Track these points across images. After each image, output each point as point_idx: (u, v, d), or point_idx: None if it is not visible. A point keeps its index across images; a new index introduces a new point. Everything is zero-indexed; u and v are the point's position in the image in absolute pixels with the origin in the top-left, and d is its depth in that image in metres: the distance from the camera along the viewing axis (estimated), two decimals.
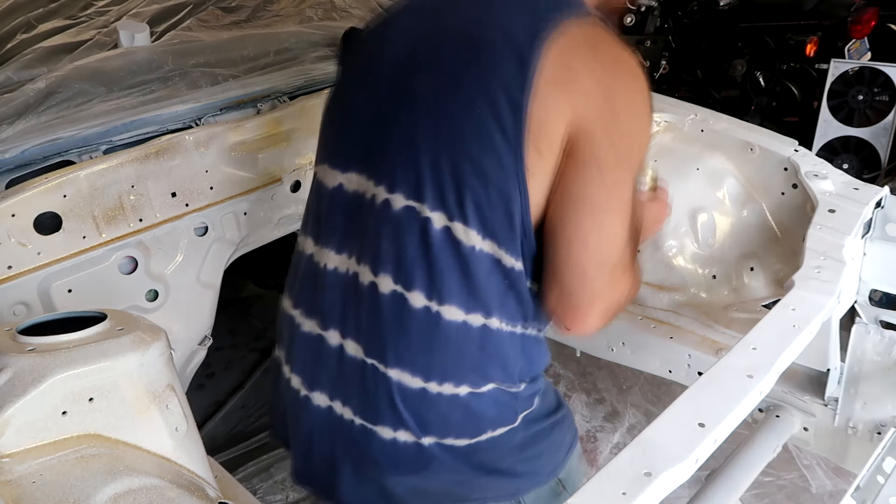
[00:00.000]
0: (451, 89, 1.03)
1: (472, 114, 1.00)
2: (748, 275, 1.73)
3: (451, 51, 1.05)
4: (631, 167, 1.02)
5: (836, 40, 3.73)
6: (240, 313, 3.34)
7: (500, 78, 0.98)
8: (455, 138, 1.02)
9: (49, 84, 1.66)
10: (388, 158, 1.07)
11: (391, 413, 1.07)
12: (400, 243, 1.05)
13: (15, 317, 1.41)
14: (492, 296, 1.04)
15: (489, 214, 1.01)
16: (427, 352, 1.05)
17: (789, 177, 1.68)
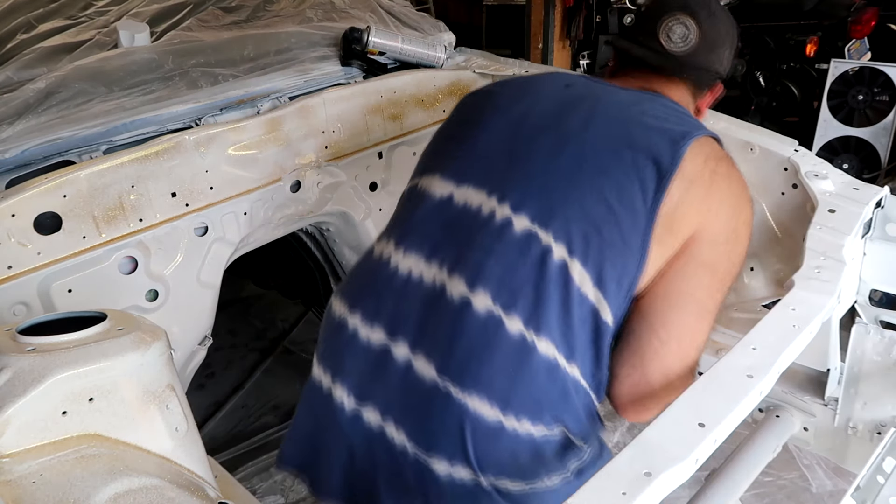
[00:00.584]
0: (604, 141, 1.09)
1: (620, 169, 1.05)
2: (748, 275, 1.73)
3: (603, 122, 1.12)
4: (733, 282, 1.11)
5: (836, 40, 3.73)
6: (240, 313, 3.34)
7: (652, 152, 1.06)
8: (600, 184, 1.05)
9: (49, 84, 1.66)
10: (520, 180, 1.07)
11: (454, 444, 1.00)
12: (510, 264, 1.02)
13: (15, 317, 1.41)
14: (580, 343, 1.02)
15: (607, 265, 1.02)
16: (512, 381, 1.00)
17: (789, 177, 1.67)
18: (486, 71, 2.21)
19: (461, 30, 2.58)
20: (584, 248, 1.02)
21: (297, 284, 2.84)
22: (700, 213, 1.06)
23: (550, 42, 4.68)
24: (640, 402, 1.08)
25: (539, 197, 1.05)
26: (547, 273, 1.01)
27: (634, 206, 1.03)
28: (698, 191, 1.06)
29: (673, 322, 1.05)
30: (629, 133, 1.09)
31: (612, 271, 1.02)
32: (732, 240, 1.09)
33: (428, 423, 1.03)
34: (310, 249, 2.21)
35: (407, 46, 2.13)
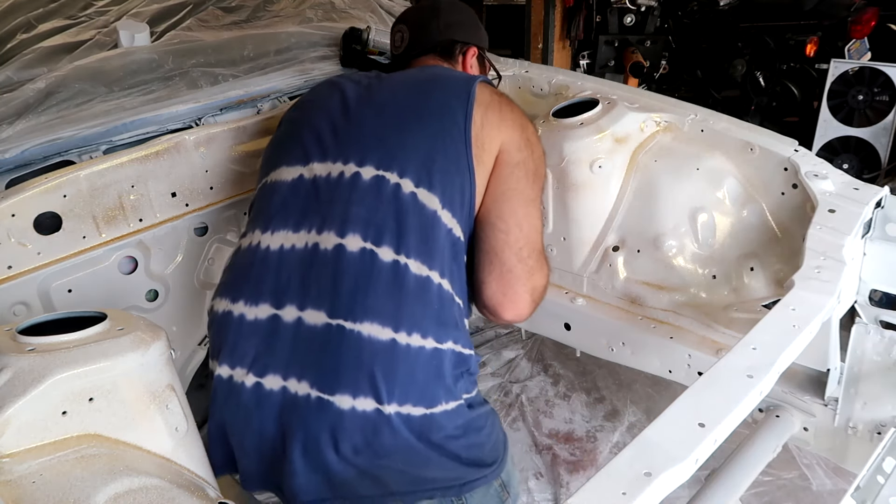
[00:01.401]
0: (415, 96, 1.33)
1: (435, 111, 1.29)
2: (748, 275, 1.73)
3: (408, 86, 1.38)
4: (542, 177, 1.36)
5: (836, 40, 3.73)
6: None
7: (454, 92, 1.31)
8: (423, 125, 1.27)
9: (49, 84, 1.66)
10: (356, 142, 1.26)
11: (356, 376, 1.08)
12: (370, 205, 1.18)
13: (15, 317, 1.41)
14: (445, 259, 1.19)
15: (448, 188, 1.22)
16: (396, 302, 1.12)
17: (789, 177, 1.67)
18: None
19: None
20: (427, 178, 1.21)
21: None
22: (500, 130, 1.30)
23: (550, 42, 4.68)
24: (509, 293, 1.26)
25: (377, 148, 1.24)
26: (402, 204, 1.18)
27: (453, 136, 1.25)
28: (493, 114, 1.30)
29: (507, 213, 1.26)
30: (431, 86, 1.35)
31: (452, 191, 1.22)
32: (530, 145, 1.33)
33: (328, 362, 1.10)
34: None
35: None
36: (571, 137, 1.79)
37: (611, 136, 1.80)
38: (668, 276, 1.79)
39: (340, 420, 1.08)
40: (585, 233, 1.87)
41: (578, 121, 1.81)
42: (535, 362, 2.90)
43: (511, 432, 2.57)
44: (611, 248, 1.86)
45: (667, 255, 1.79)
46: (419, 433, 1.10)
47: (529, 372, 2.85)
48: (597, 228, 1.87)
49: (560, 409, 2.65)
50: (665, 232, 1.79)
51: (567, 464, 2.39)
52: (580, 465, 2.39)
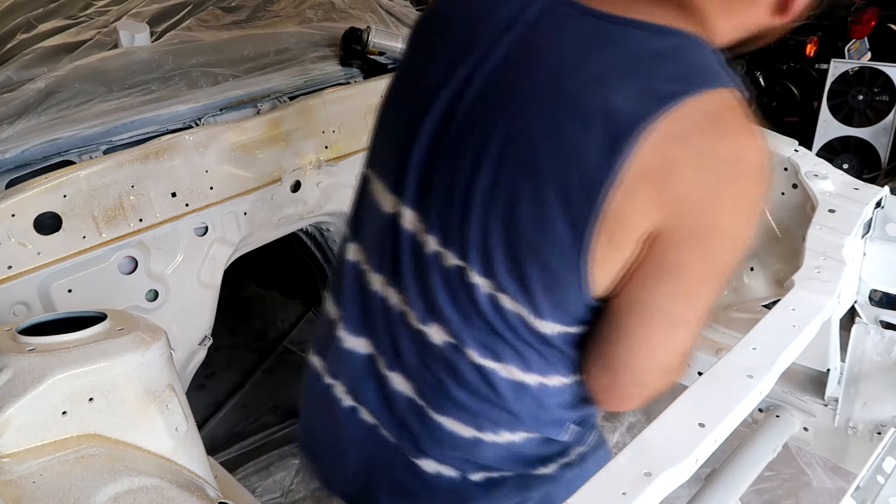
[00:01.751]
0: (523, 153, 0.83)
1: (537, 193, 0.81)
2: (748, 275, 1.72)
3: (535, 104, 0.82)
4: (720, 281, 0.87)
5: (836, 40, 3.73)
6: (240, 313, 3.34)
7: (583, 158, 0.78)
8: (512, 214, 0.84)
9: (49, 84, 1.66)
10: (437, 206, 0.91)
11: (438, 452, 1.01)
12: (451, 301, 0.93)
13: (15, 317, 1.41)
14: (533, 356, 0.94)
15: (544, 299, 0.87)
16: (482, 406, 0.97)
17: (789, 177, 1.67)
18: None
19: None
20: (512, 282, 0.88)
21: (297, 284, 2.84)
22: (650, 214, 0.78)
23: None
24: (618, 402, 1.00)
25: (457, 225, 0.89)
26: (482, 308, 0.90)
27: (556, 237, 0.82)
28: (649, 186, 0.77)
29: (638, 335, 0.88)
30: (560, 127, 0.80)
31: (550, 302, 0.87)
32: (708, 237, 0.81)
33: (410, 433, 1.02)
34: (310, 249, 2.21)
35: None
36: None
37: None
38: None
39: (424, 481, 1.03)
40: None
41: None
42: None
43: None
44: None
45: None
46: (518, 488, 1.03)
47: None
48: None
49: None
50: None
51: None
52: None
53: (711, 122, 0.78)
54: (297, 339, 3.23)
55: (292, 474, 2.44)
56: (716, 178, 0.78)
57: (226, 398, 2.81)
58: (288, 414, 2.77)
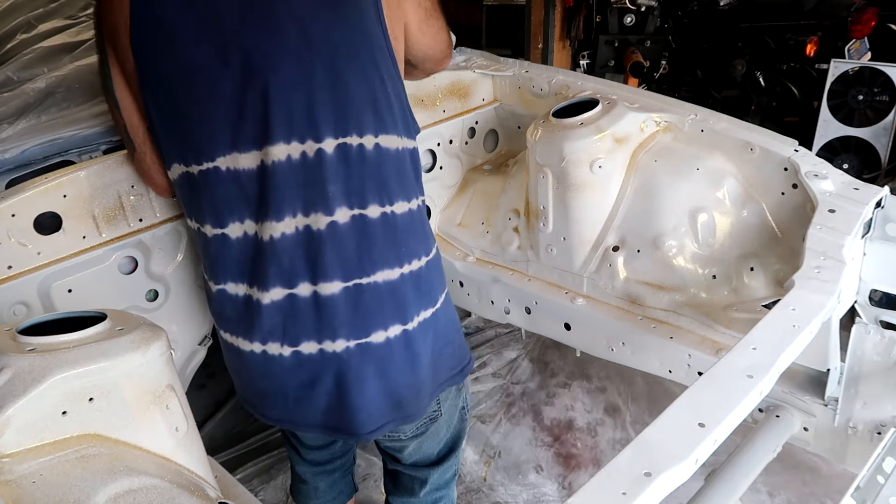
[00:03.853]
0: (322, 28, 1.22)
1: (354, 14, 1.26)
2: (748, 275, 1.73)
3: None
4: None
5: (836, 40, 3.73)
6: None
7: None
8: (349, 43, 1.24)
9: (49, 84, 1.66)
10: (302, 109, 1.21)
11: (381, 312, 1.26)
12: (344, 177, 1.22)
13: (15, 317, 1.41)
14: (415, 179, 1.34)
15: (395, 104, 1.30)
16: (394, 244, 1.27)
17: (789, 177, 1.67)
18: (486, 71, 2.21)
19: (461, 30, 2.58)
20: (380, 122, 1.27)
21: None
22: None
23: (550, 42, 4.67)
24: (445, 44, 1.57)
25: (326, 105, 1.23)
26: (370, 162, 1.25)
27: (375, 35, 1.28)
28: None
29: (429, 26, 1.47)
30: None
31: (398, 102, 1.32)
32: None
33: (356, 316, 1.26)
34: None
35: None
36: (571, 137, 1.79)
37: (611, 136, 1.80)
38: (668, 276, 1.79)
39: (380, 352, 1.26)
40: (585, 233, 1.87)
41: (578, 121, 1.81)
42: (536, 362, 2.90)
43: (512, 427, 2.58)
44: (611, 248, 1.86)
45: (667, 255, 1.79)
46: (434, 334, 1.35)
47: (531, 372, 2.85)
48: (597, 228, 1.87)
49: (560, 402, 2.66)
50: (665, 232, 1.79)
51: (568, 458, 2.40)
52: (581, 460, 2.39)
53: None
54: None
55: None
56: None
57: (226, 398, 2.81)
58: None
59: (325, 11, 1.22)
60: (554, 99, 2.08)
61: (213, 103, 1.20)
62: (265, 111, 1.19)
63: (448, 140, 2.18)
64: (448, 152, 2.19)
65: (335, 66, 1.22)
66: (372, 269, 1.25)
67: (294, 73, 1.20)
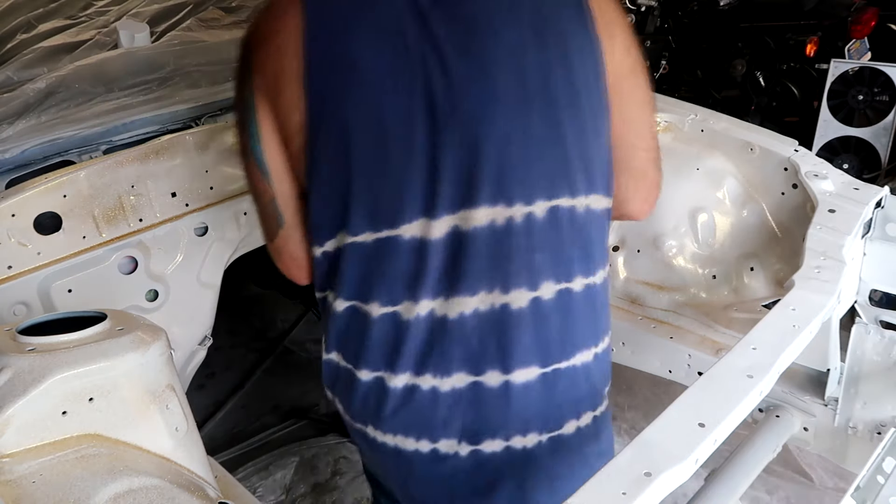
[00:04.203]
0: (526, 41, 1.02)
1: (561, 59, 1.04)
2: (748, 275, 1.73)
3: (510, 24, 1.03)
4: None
5: (836, 40, 3.73)
6: (240, 313, 3.34)
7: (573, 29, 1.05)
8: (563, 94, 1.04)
9: (49, 84, 1.66)
10: (512, 171, 1.03)
11: (576, 399, 1.12)
12: (553, 245, 1.05)
13: (15, 317, 1.41)
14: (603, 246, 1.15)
15: (603, 165, 1.11)
16: (594, 322, 1.12)
17: (789, 177, 1.67)
18: None
19: None
20: (590, 178, 1.08)
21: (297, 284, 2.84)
22: (613, 39, 1.08)
23: None
24: (649, 191, 1.23)
25: (537, 166, 1.05)
26: (581, 226, 1.09)
27: (590, 84, 1.07)
28: (606, 18, 1.08)
29: (642, 127, 1.19)
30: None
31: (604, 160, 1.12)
32: (630, 35, 1.13)
33: (552, 403, 1.12)
34: None
35: None
36: None
37: None
38: (668, 276, 1.79)
39: (571, 442, 1.12)
40: None
41: None
42: None
43: None
44: (611, 248, 1.86)
45: (667, 255, 1.79)
46: (604, 424, 1.22)
47: None
48: None
49: None
50: (665, 232, 1.79)
51: None
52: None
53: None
54: (297, 339, 3.23)
55: (291, 472, 2.45)
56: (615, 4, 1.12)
57: (226, 398, 2.81)
58: (288, 414, 2.77)
59: (544, 52, 1.02)
60: None
61: (403, 159, 1.01)
62: (470, 169, 1.00)
63: None
64: None
65: (553, 117, 1.03)
66: (573, 351, 1.09)
67: (507, 125, 1.01)
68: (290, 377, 2.99)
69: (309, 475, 2.44)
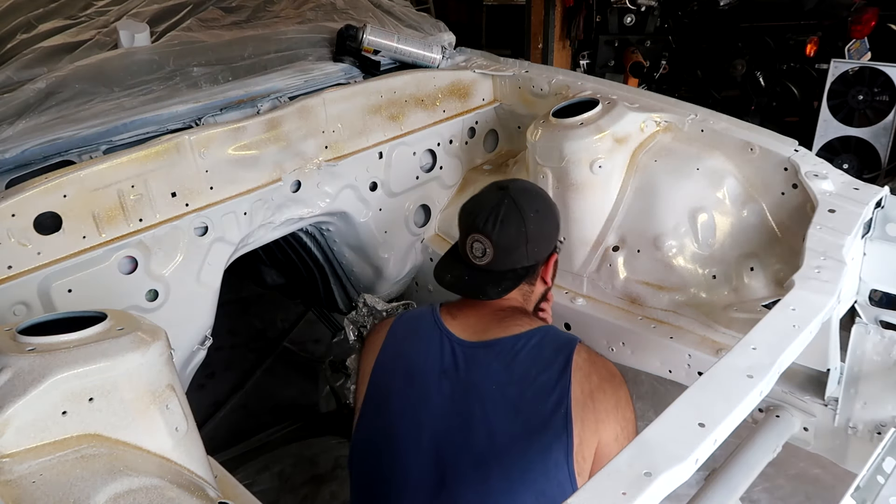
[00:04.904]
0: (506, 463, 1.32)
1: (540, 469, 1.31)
2: (748, 275, 1.73)
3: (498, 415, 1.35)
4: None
5: (836, 40, 3.73)
6: (240, 313, 3.34)
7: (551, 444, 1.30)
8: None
9: (49, 84, 1.66)
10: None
11: None
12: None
13: (15, 317, 1.41)
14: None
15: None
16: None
17: (789, 177, 1.67)
18: (486, 71, 2.21)
19: (461, 30, 2.58)
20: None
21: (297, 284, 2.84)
22: (597, 432, 1.33)
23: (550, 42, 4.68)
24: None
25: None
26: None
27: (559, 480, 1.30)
28: (589, 418, 1.33)
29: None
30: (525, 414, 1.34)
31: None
32: (627, 427, 1.36)
33: None
34: (310, 249, 2.21)
35: (402, 46, 2.13)
36: (571, 137, 1.79)
37: (611, 136, 1.80)
38: (668, 276, 1.79)
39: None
40: (585, 232, 1.87)
41: (578, 121, 1.81)
42: None
43: None
44: (611, 248, 1.86)
45: (667, 255, 1.79)
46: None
47: None
48: (597, 228, 1.87)
49: None
50: (665, 232, 1.79)
51: None
52: None
53: (591, 362, 1.40)
54: (296, 339, 3.23)
55: (290, 464, 2.45)
56: (614, 396, 1.38)
57: (226, 398, 2.81)
58: (288, 414, 2.77)
59: (514, 432, 1.32)
60: (554, 99, 2.08)
61: (401, 475, 1.38)
62: (435, 497, 1.33)
63: (448, 140, 2.17)
64: (448, 152, 2.19)
65: (508, 480, 1.30)
66: None
67: (471, 472, 1.32)
68: (290, 377, 2.99)
69: (308, 468, 2.44)
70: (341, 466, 2.42)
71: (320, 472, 2.45)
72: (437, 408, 1.39)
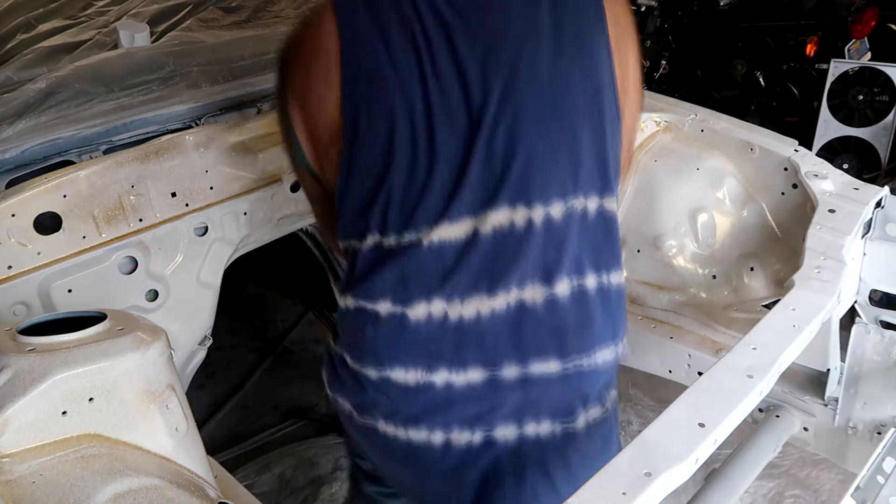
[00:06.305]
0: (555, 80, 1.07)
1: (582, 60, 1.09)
2: (748, 275, 1.73)
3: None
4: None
5: (836, 40, 3.73)
6: (240, 313, 3.34)
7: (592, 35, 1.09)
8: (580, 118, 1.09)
9: (49, 84, 1.66)
10: (532, 176, 1.07)
11: (593, 391, 1.15)
12: (567, 245, 1.09)
13: (15, 317, 1.41)
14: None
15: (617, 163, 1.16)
16: (612, 321, 1.15)
17: (789, 177, 1.68)
18: None
19: None
20: (606, 179, 1.13)
21: (297, 284, 2.84)
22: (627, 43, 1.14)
23: None
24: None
25: (551, 169, 1.09)
26: (592, 228, 1.13)
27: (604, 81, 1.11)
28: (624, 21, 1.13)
29: (637, 98, 1.22)
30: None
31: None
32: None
33: (563, 396, 1.14)
34: (310, 249, 2.21)
35: None
36: None
37: None
38: (668, 276, 1.79)
39: (578, 439, 1.14)
40: None
41: None
42: None
43: None
44: None
45: (667, 255, 1.79)
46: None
47: None
48: None
49: None
50: (665, 232, 1.79)
51: None
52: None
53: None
54: (297, 339, 3.23)
55: (291, 467, 2.46)
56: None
57: (226, 398, 2.81)
58: (288, 414, 2.77)
59: (562, 59, 1.07)
60: None
61: (430, 164, 1.06)
62: (494, 173, 1.05)
63: None
64: None
65: (572, 122, 1.08)
66: (592, 348, 1.12)
67: (528, 129, 1.06)
68: (290, 377, 2.99)
69: (309, 470, 2.44)
70: (341, 468, 2.42)
71: (320, 473, 2.45)
72: (454, 68, 1.06)
